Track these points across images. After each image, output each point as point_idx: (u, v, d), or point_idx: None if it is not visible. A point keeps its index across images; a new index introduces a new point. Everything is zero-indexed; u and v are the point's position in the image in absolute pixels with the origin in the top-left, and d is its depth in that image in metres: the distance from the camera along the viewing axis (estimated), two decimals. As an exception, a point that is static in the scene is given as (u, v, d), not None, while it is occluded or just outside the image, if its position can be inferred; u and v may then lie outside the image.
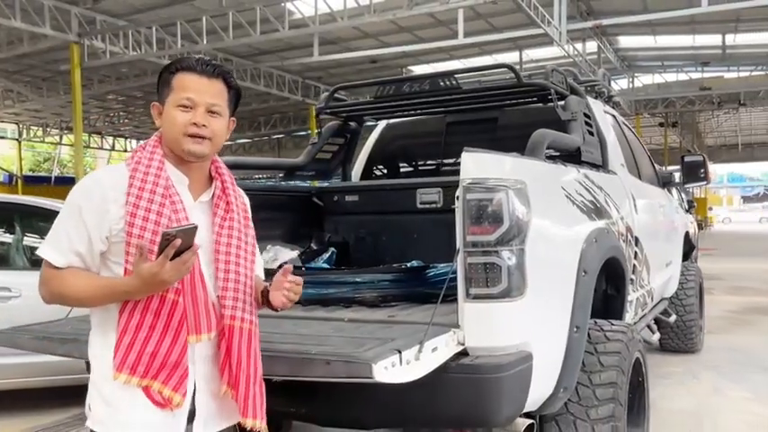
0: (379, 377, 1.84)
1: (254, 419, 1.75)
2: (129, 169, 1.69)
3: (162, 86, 1.75)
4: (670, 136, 30.83)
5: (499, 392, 2.25)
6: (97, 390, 1.68)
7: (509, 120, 4.47)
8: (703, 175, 5.63)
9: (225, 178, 1.82)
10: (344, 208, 4.22)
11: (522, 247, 2.34)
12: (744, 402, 4.71)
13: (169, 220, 1.64)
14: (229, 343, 1.72)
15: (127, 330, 1.63)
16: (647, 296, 4.50)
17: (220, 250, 1.74)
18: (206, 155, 1.74)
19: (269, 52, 16.23)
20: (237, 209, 1.81)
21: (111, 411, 1.66)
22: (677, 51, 18.33)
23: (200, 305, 1.68)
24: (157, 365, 1.62)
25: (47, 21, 11.92)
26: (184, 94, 1.70)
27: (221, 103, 1.75)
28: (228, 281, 1.75)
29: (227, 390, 1.73)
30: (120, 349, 1.62)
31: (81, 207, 1.65)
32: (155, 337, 1.63)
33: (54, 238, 1.68)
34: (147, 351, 1.62)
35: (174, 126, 1.70)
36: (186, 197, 1.73)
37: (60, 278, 1.66)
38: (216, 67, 1.76)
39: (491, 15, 13.65)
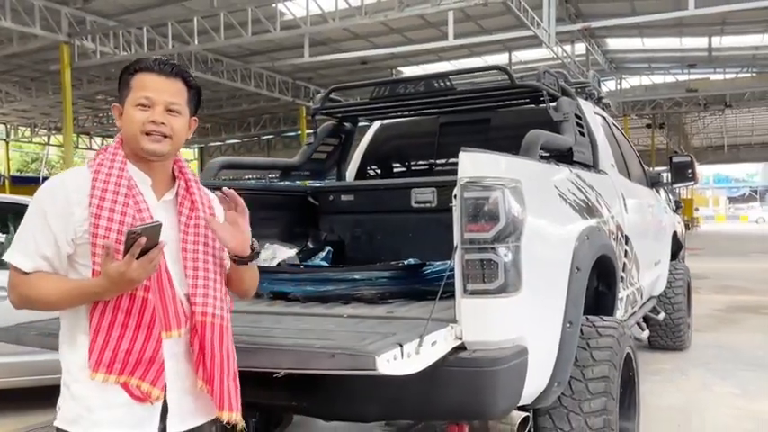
0: (382, 369, 1.89)
1: (230, 412, 1.75)
2: (92, 171, 1.70)
3: (122, 87, 1.77)
4: (657, 137, 31.11)
5: (496, 385, 2.31)
6: (68, 390, 1.70)
7: (501, 121, 4.54)
8: (691, 175, 5.73)
9: (188, 177, 1.84)
10: (340, 207, 4.27)
11: (517, 244, 2.40)
12: (731, 398, 4.80)
13: (133, 219, 1.66)
14: (202, 339, 1.73)
15: (100, 330, 1.63)
16: (637, 294, 4.59)
17: (188, 248, 1.76)
18: (165, 153, 1.75)
19: (259, 53, 16.26)
20: (203, 207, 1.83)
21: (83, 411, 1.66)
22: (664, 53, 18.54)
23: (168, 302, 1.70)
24: (133, 362, 1.64)
25: (37, 21, 11.89)
26: (143, 93, 1.71)
27: (180, 101, 1.76)
28: (198, 278, 1.76)
29: (202, 385, 1.74)
30: (94, 349, 1.63)
31: (46, 211, 1.66)
32: (128, 335, 1.64)
33: (21, 243, 1.68)
34: (121, 349, 1.63)
35: (132, 125, 1.71)
36: (150, 197, 1.75)
37: (29, 283, 1.66)
38: (174, 66, 1.78)
39: (480, 17, 13.75)
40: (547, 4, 11.63)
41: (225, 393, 1.75)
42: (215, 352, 1.74)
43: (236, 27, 12.02)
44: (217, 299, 1.79)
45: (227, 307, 1.85)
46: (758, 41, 16.79)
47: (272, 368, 2.10)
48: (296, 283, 3.08)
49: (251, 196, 4.09)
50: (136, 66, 1.76)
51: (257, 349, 2.06)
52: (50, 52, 14.16)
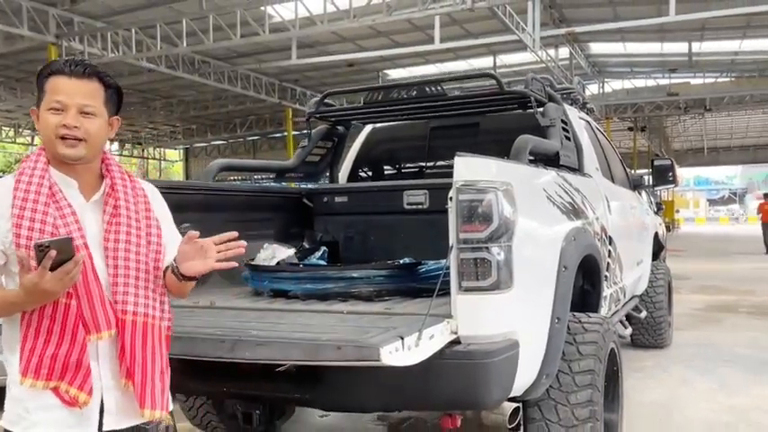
0: (385, 360, 2.02)
1: (152, 410, 1.75)
2: (15, 181, 1.71)
3: (38, 92, 1.75)
4: (639, 140, 31.48)
5: (489, 377, 2.44)
6: (10, 392, 1.72)
7: (490, 125, 4.69)
8: (672, 178, 5.92)
9: (114, 175, 1.82)
10: (334, 209, 4.39)
11: (509, 244, 2.54)
12: (710, 393, 4.98)
13: (54, 225, 1.66)
14: (122, 336, 1.73)
15: (27, 337, 1.66)
16: (620, 293, 4.75)
17: (108, 246, 1.75)
18: (82, 157, 1.73)
19: (247, 55, 16.30)
20: (128, 203, 1.81)
21: (22, 412, 1.69)
22: (646, 58, 18.84)
23: (96, 304, 1.69)
24: (60, 367, 1.65)
25: (24, 22, 11.86)
26: (54, 97, 1.70)
27: (94, 103, 1.74)
28: (118, 276, 1.74)
29: (126, 382, 1.74)
30: (23, 356, 1.66)
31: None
32: (53, 341, 1.65)
33: None
34: (47, 354, 1.65)
35: (46, 129, 1.71)
36: (77, 199, 1.75)
37: None
38: (87, 66, 1.75)
39: (466, 21, 13.91)
40: (531, 9, 11.81)
41: (147, 391, 1.74)
42: (135, 350, 1.73)
43: (225, 29, 12.07)
44: (139, 296, 1.77)
45: (156, 305, 1.82)
46: (736, 47, 17.13)
47: (283, 360, 2.22)
48: (295, 282, 3.21)
49: (248, 198, 4.25)
50: (49, 68, 1.75)
51: (268, 342, 2.18)
52: (37, 53, 14.11)
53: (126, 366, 1.73)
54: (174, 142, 30.24)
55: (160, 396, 1.78)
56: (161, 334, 1.82)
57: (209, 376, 2.73)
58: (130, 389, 1.74)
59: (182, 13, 12.56)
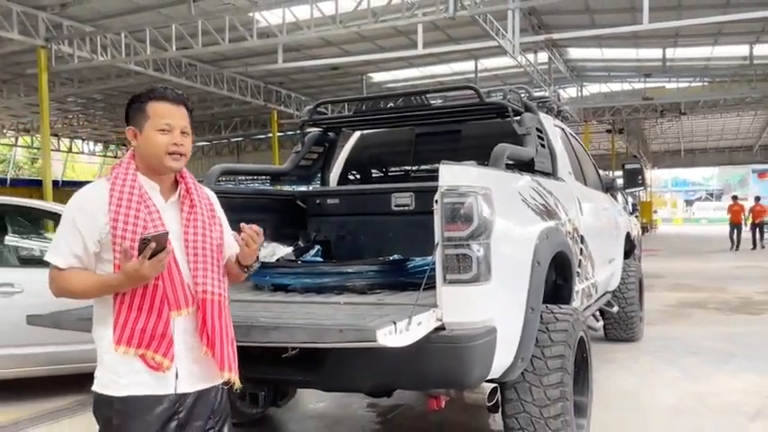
0: (381, 341, 2.34)
1: (230, 372, 2.12)
2: (110, 183, 2.06)
3: (136, 113, 2.10)
4: (617, 142, 32.10)
5: (470, 358, 2.77)
6: (101, 362, 2.06)
7: (471, 132, 5.01)
8: (641, 180, 6.30)
9: (188, 181, 2.20)
10: (326, 210, 4.70)
11: (488, 242, 2.88)
12: (675, 381, 5.36)
13: (144, 221, 2.01)
14: (203, 312, 2.08)
15: (121, 312, 2.00)
16: (592, 288, 5.11)
17: (189, 239, 2.11)
18: (181, 168, 2.15)
19: (233, 58, 16.53)
20: (201, 204, 2.18)
21: (113, 377, 2.02)
22: (622, 63, 19.33)
23: (177, 286, 2.04)
24: (148, 337, 1.99)
25: (14, 25, 12.01)
26: (163, 120, 2.07)
27: (188, 125, 2.15)
28: (198, 263, 2.10)
29: (206, 350, 2.08)
30: (117, 327, 1.99)
31: (75, 218, 2.03)
32: (143, 316, 2.00)
33: (56, 245, 2.06)
34: (138, 327, 1.99)
35: (156, 147, 2.06)
36: (158, 200, 2.10)
37: (64, 277, 2.04)
38: (180, 95, 2.15)
39: (448, 27, 14.26)
40: (511, 16, 12.19)
41: (225, 357, 2.11)
42: (215, 323, 2.09)
43: (213, 34, 12.30)
44: (215, 279, 2.14)
45: (224, 286, 2.20)
46: (709, 53, 17.68)
47: (290, 343, 2.53)
48: (295, 277, 3.52)
49: (245, 199, 4.55)
50: (152, 95, 2.11)
51: (277, 327, 2.50)
52: (24, 55, 14.27)
53: (207, 336, 2.07)
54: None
55: (233, 361, 2.15)
56: (229, 310, 2.20)
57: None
58: (207, 356, 2.08)
59: (170, 18, 12.78)
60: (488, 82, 20.42)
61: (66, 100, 20.71)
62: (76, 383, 4.94)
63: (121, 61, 13.42)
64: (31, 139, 28.90)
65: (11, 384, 4.98)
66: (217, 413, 2.19)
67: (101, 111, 23.38)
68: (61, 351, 4.67)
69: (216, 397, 2.19)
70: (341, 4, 11.60)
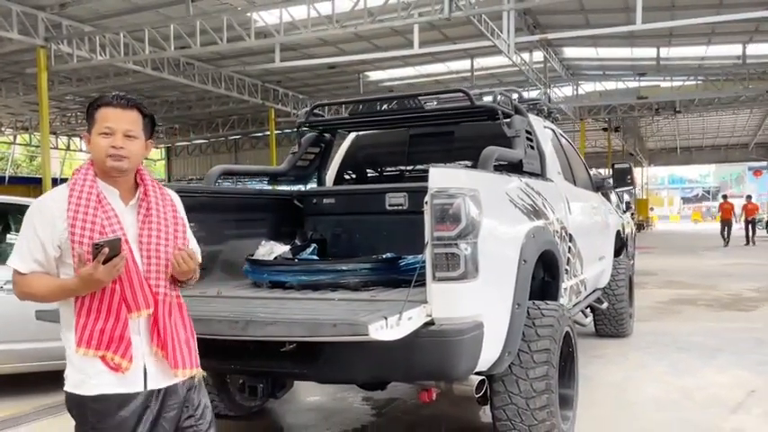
0: (373, 335, 2.48)
1: (183, 369, 2.19)
2: (69, 189, 2.12)
3: (88, 120, 2.18)
4: (614, 140, 32.27)
5: (458, 352, 2.92)
6: (70, 362, 2.12)
7: (464, 133, 5.14)
8: (630, 180, 6.44)
9: (147, 183, 2.25)
10: (322, 209, 4.84)
11: (475, 241, 3.02)
12: (662, 375, 5.51)
13: (102, 226, 2.07)
14: (156, 313, 2.15)
15: (81, 315, 2.06)
16: (581, 285, 5.25)
17: (143, 241, 2.17)
18: (125, 170, 2.16)
19: (231, 57, 16.65)
20: (159, 206, 2.23)
21: (84, 377, 2.09)
22: (617, 62, 19.49)
23: (135, 288, 2.10)
24: (106, 339, 2.06)
25: (14, 25, 12.12)
26: (105, 124, 2.13)
27: (135, 128, 2.18)
28: (151, 264, 2.16)
29: (156, 350, 2.15)
30: (78, 330, 2.06)
31: (35, 224, 2.10)
32: (101, 318, 2.07)
33: (18, 250, 2.12)
34: (96, 329, 2.06)
35: (98, 150, 2.13)
36: (117, 204, 2.16)
37: (26, 281, 2.11)
38: (130, 100, 2.19)
39: (444, 27, 14.40)
40: (506, 16, 12.34)
41: (177, 356, 2.18)
42: (165, 323, 2.17)
43: (211, 33, 12.42)
44: (168, 280, 2.21)
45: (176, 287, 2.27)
46: (703, 52, 17.84)
47: (287, 337, 2.67)
48: (292, 274, 3.66)
49: (244, 200, 4.69)
50: (99, 102, 2.18)
51: (275, 322, 2.64)
52: (23, 54, 14.38)
53: (158, 336, 2.15)
54: (156, 141, 30.35)
55: (188, 357, 2.22)
56: (182, 310, 2.28)
57: (220, 355, 3.18)
58: (158, 355, 2.16)
59: (169, 17, 12.90)
60: (485, 81, 20.57)
61: (64, 98, 20.83)
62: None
63: (120, 61, 13.54)
64: (29, 136, 28.99)
65: (11, 380, 5.10)
66: (190, 402, 2.28)
67: (99, 109, 23.44)
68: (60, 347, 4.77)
69: (185, 388, 2.25)
70: (337, 5, 11.73)
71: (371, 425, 4.45)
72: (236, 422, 4.44)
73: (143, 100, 10.86)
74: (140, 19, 13.18)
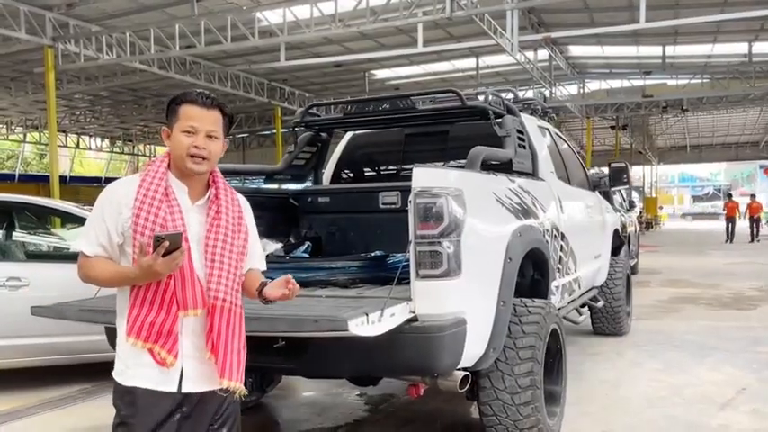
0: (353, 331, 2.56)
1: (229, 380, 2.11)
2: (140, 180, 2.12)
3: (170, 115, 2.17)
4: (622, 138, 32.20)
5: (440, 347, 2.98)
6: (118, 349, 2.14)
7: (458, 132, 5.20)
8: (626, 179, 6.48)
9: (219, 185, 2.22)
10: (317, 208, 4.92)
11: (458, 239, 3.08)
12: (655, 372, 5.55)
13: (164, 219, 2.04)
14: (212, 318, 2.11)
15: (135, 305, 2.07)
16: (575, 283, 5.30)
17: (209, 243, 2.13)
18: (204, 172, 2.16)
19: (237, 56, 16.77)
20: (228, 210, 2.19)
21: (124, 368, 2.12)
22: (622, 60, 19.47)
23: (187, 286, 2.07)
24: (156, 332, 2.05)
25: (22, 25, 12.27)
26: (188, 123, 2.12)
27: (217, 129, 2.16)
28: (214, 268, 2.12)
29: (210, 356, 2.10)
30: (130, 319, 2.07)
31: (103, 209, 2.12)
32: (153, 310, 2.06)
33: (85, 234, 2.14)
34: (147, 321, 2.05)
35: (180, 148, 2.12)
36: (184, 201, 2.14)
37: (89, 264, 2.12)
38: (213, 99, 2.17)
39: (449, 25, 14.45)
40: (510, 15, 12.37)
41: (227, 365, 2.12)
42: (221, 329, 2.12)
43: (215, 33, 12.53)
44: (228, 287, 2.14)
45: (239, 296, 2.21)
46: (709, 51, 17.78)
47: (270, 332, 2.75)
48: (282, 271, 3.70)
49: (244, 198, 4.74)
50: (183, 98, 2.16)
51: (259, 318, 2.72)
52: (31, 54, 14.53)
53: (212, 342, 2.11)
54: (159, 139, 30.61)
55: (236, 370, 2.15)
56: (241, 319, 2.22)
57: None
58: (212, 361, 2.11)
59: (174, 17, 13.02)
60: (491, 79, 20.61)
61: (73, 97, 21.02)
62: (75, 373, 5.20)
63: (127, 60, 13.67)
64: (38, 135, 29.25)
65: (16, 374, 5.22)
66: (221, 415, 2.24)
67: (107, 107, 23.71)
68: (63, 342, 4.88)
69: (223, 399, 2.21)
70: (340, 4, 11.81)
71: (364, 420, 4.52)
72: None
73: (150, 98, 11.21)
74: (146, 18, 13.31)
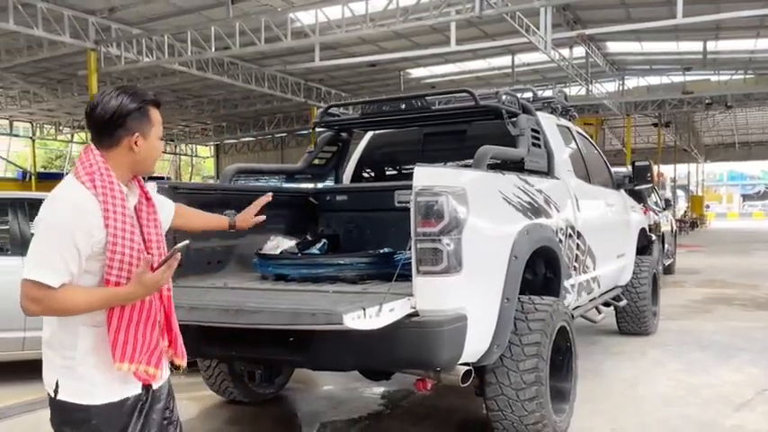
0: (348, 324, 2.65)
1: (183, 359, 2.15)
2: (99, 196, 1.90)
3: (139, 119, 1.98)
4: (666, 135, 31.56)
5: (439, 341, 3.05)
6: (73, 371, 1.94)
7: (476, 131, 5.24)
8: (650, 178, 6.41)
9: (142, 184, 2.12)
10: (336, 206, 5.04)
11: (459, 237, 3.15)
12: (676, 372, 5.51)
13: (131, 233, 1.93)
14: (168, 310, 2.09)
15: (119, 329, 1.91)
16: (593, 282, 5.29)
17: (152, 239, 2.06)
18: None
19: (273, 57, 17.05)
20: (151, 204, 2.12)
21: (89, 386, 1.94)
22: (662, 56, 19.10)
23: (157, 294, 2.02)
24: (146, 351, 1.96)
25: (66, 29, 12.73)
26: (160, 127, 2.06)
27: None
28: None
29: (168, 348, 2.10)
30: (117, 345, 1.91)
31: (74, 236, 1.85)
32: (140, 329, 1.95)
33: (46, 261, 1.83)
34: (137, 342, 1.94)
35: (156, 153, 2.06)
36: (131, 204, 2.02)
37: (57, 296, 1.84)
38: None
39: (483, 24, 14.42)
40: (543, 13, 12.30)
41: (180, 347, 2.14)
42: (171, 318, 2.12)
43: (250, 34, 12.78)
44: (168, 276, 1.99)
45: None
46: (752, 46, 17.32)
47: (270, 324, 2.87)
48: (293, 267, 3.86)
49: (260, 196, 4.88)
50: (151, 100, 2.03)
51: (261, 311, 2.85)
52: (76, 56, 15.03)
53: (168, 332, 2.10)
54: (205, 139, 31.27)
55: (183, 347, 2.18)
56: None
57: (222, 342, 3.43)
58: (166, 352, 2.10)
59: (211, 19, 13.33)
60: (527, 77, 20.47)
61: (117, 98, 21.60)
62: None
63: (165, 62, 14.05)
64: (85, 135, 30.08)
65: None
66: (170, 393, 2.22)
67: (150, 108, 24.30)
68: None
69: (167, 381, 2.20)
70: (371, 4, 11.92)
71: (378, 414, 4.62)
72: (251, 408, 4.67)
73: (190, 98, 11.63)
74: (184, 21, 13.65)
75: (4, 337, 5.02)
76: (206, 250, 4.19)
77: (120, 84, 18.40)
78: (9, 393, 5.02)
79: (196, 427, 4.38)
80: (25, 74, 18.31)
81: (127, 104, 1.98)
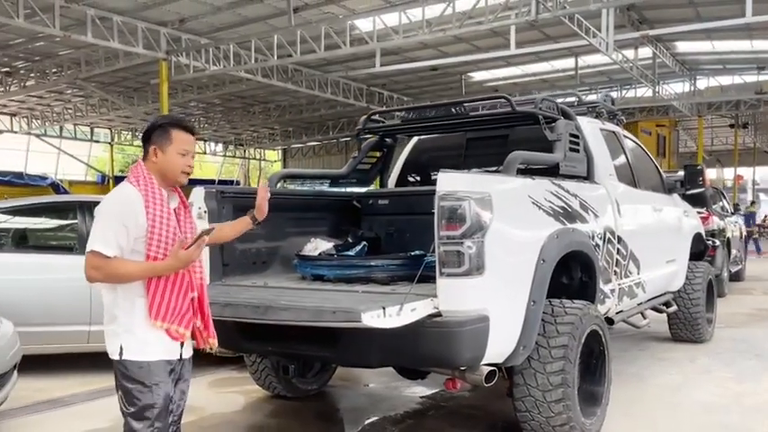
0: (366, 323, 2.80)
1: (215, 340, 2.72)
2: (142, 192, 2.52)
3: (160, 136, 2.61)
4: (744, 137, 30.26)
5: (459, 341, 3.17)
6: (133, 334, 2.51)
7: (518, 136, 5.30)
8: (701, 182, 6.28)
9: (180, 191, 2.74)
10: (378, 210, 5.20)
11: (481, 240, 3.25)
12: (723, 380, 5.39)
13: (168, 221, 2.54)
14: (201, 295, 2.67)
15: (156, 293, 2.50)
16: (636, 287, 5.24)
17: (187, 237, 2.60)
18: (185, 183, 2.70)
19: (335, 63, 17.38)
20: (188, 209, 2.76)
21: (143, 346, 2.52)
22: (736, 56, 18.38)
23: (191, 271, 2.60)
24: (177, 313, 2.54)
25: (140, 41, 13.42)
26: (183, 146, 2.62)
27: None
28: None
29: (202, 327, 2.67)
30: (152, 305, 2.49)
31: (121, 214, 2.49)
32: (173, 296, 2.53)
33: (104, 237, 2.46)
34: (171, 305, 2.53)
35: (176, 165, 2.61)
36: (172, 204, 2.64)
37: (111, 264, 2.45)
38: (193, 127, 2.73)
39: (543, 26, 14.28)
40: (605, 14, 12.11)
41: (211, 330, 2.72)
42: (204, 302, 2.69)
43: (310, 42, 13.13)
44: (203, 268, 2.77)
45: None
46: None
47: (295, 321, 3.05)
48: (329, 268, 4.05)
49: (308, 200, 5.12)
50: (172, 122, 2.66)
51: (288, 308, 3.05)
52: (149, 66, 15.79)
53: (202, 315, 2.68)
54: (272, 143, 32.03)
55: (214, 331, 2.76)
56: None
57: (260, 338, 3.65)
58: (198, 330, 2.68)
59: (275, 28, 13.76)
60: (592, 78, 20.11)
61: (188, 105, 22.51)
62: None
63: (231, 70, 14.58)
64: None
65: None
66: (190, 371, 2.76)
67: (219, 114, 25.18)
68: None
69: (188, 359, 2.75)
70: (427, 10, 12.05)
71: (415, 412, 4.75)
72: (293, 403, 4.89)
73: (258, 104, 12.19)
74: (249, 30, 14.13)
75: (72, 330, 5.41)
76: (251, 251, 4.43)
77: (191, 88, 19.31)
78: (74, 383, 5.41)
79: (240, 419, 4.63)
80: (104, 83, 19.32)
81: (154, 124, 2.68)
